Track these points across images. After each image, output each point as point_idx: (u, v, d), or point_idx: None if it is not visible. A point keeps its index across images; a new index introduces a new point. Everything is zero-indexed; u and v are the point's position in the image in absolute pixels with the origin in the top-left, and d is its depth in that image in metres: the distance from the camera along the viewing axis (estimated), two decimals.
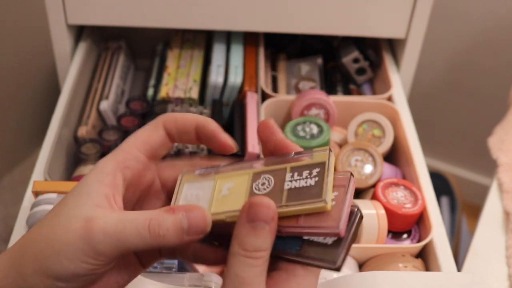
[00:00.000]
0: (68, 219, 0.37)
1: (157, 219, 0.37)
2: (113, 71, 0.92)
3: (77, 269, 0.37)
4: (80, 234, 0.36)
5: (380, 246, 0.67)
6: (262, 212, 0.36)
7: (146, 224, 0.37)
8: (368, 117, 0.82)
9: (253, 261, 0.36)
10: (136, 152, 0.42)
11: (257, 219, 0.36)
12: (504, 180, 0.86)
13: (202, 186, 0.42)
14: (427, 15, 0.88)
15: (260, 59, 0.92)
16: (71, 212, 0.38)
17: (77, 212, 0.38)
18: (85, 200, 0.38)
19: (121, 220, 0.37)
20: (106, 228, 0.37)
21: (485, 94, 1.49)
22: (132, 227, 0.37)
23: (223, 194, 0.41)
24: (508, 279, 0.74)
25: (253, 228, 0.36)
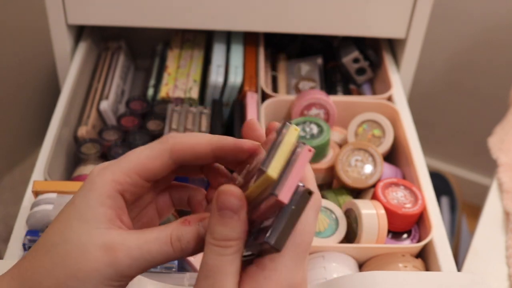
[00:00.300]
0: (85, 246, 0.37)
1: (176, 234, 0.38)
2: (113, 71, 0.92)
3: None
4: (105, 262, 0.36)
5: (380, 246, 0.67)
6: (228, 200, 0.36)
7: (168, 241, 0.38)
8: (368, 117, 0.82)
9: (221, 250, 0.36)
10: (135, 177, 0.40)
11: (224, 207, 0.36)
12: (504, 180, 0.86)
13: None
14: (427, 15, 0.88)
15: (260, 59, 0.92)
16: (85, 239, 0.37)
17: (92, 238, 0.37)
18: (93, 224, 0.38)
19: (145, 241, 0.38)
20: (131, 253, 0.37)
21: (485, 94, 1.49)
22: (156, 247, 0.38)
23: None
24: (508, 279, 0.74)
25: (221, 217, 0.36)
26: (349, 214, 0.70)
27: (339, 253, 0.67)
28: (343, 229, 0.69)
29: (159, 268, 0.63)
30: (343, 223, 0.70)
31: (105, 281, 0.37)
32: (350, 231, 0.70)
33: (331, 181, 0.80)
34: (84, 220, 0.38)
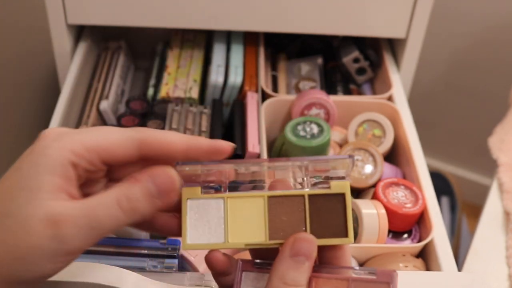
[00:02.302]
0: (25, 220, 0.34)
1: (124, 194, 0.35)
2: (113, 71, 0.92)
3: (47, 271, 0.35)
4: (47, 235, 0.34)
5: (380, 246, 0.67)
6: (305, 247, 0.37)
7: (115, 203, 0.35)
8: (368, 117, 0.82)
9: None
10: (94, 156, 0.36)
11: (300, 253, 0.37)
12: (504, 180, 0.86)
13: (210, 206, 0.40)
14: (427, 15, 0.88)
15: (260, 59, 0.92)
16: (26, 211, 0.34)
17: (34, 210, 0.34)
18: (38, 194, 0.34)
19: (89, 207, 0.35)
20: (76, 222, 0.34)
21: (485, 94, 1.49)
22: (103, 211, 0.35)
23: (238, 221, 0.40)
24: (508, 279, 0.74)
25: (295, 262, 0.37)
26: None
27: None
28: None
29: (159, 268, 0.63)
30: None
31: (50, 258, 0.34)
32: None
33: None
34: (28, 189, 0.34)
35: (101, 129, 0.37)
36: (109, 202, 0.35)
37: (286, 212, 0.40)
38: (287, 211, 0.40)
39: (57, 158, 0.35)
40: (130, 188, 0.36)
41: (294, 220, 0.39)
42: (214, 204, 0.40)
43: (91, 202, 0.35)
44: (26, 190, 0.35)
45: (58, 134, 0.36)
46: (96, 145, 0.36)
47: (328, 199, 0.40)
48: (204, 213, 0.40)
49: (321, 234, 0.39)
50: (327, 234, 0.39)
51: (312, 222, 0.39)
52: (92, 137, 0.36)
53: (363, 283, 0.38)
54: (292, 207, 0.40)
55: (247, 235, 0.39)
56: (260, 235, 0.39)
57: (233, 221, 0.40)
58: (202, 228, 0.40)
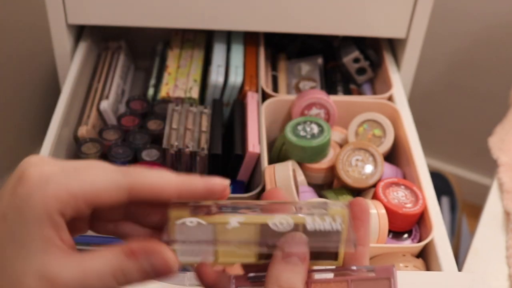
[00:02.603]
0: (18, 278, 0.33)
1: (121, 269, 0.35)
2: (113, 70, 0.92)
3: None
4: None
5: (381, 246, 0.67)
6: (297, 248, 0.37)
7: (111, 276, 0.35)
8: (369, 117, 0.82)
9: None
10: (81, 204, 0.35)
11: (292, 254, 0.36)
12: (504, 180, 0.86)
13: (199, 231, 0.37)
14: (427, 15, 0.88)
15: (260, 59, 0.92)
16: (19, 268, 0.33)
17: (26, 267, 0.33)
18: (29, 249, 0.33)
19: (84, 272, 0.34)
20: (69, 285, 0.34)
21: (486, 94, 1.49)
22: (97, 280, 0.34)
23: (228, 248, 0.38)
24: (508, 279, 0.74)
25: (288, 264, 0.36)
26: None
27: None
28: None
29: None
30: None
31: None
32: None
33: (332, 181, 0.80)
34: (18, 243, 0.33)
35: (88, 170, 0.35)
36: (105, 273, 0.35)
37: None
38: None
39: (43, 209, 0.33)
40: (127, 264, 0.35)
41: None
42: (204, 230, 0.38)
43: (87, 267, 0.34)
44: (16, 244, 0.34)
45: (41, 178, 0.34)
46: (83, 192, 0.35)
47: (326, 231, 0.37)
48: (194, 240, 0.38)
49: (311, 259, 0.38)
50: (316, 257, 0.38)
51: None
52: (79, 183, 0.35)
53: (363, 282, 0.38)
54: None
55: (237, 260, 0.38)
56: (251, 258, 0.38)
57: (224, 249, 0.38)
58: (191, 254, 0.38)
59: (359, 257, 0.39)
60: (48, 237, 0.34)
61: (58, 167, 0.35)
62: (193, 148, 0.79)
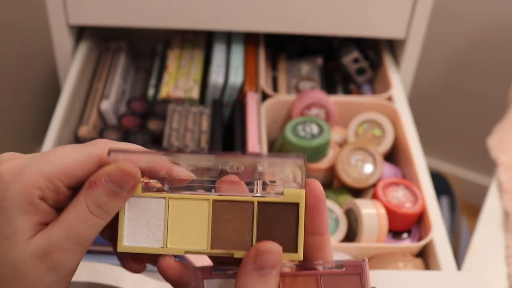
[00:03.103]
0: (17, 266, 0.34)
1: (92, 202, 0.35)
2: (113, 71, 0.93)
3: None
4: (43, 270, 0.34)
5: (380, 246, 0.68)
6: (271, 259, 0.35)
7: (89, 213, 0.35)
8: (368, 117, 0.82)
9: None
10: (57, 183, 0.35)
11: (265, 266, 0.35)
12: (503, 180, 0.86)
13: (150, 206, 0.37)
14: (427, 15, 0.88)
15: (260, 59, 0.92)
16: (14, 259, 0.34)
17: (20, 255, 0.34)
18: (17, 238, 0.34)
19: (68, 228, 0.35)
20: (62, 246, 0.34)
21: (485, 94, 1.49)
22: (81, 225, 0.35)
23: (179, 224, 0.37)
24: (508, 278, 0.75)
25: (260, 276, 0.35)
26: (350, 213, 0.70)
27: (340, 252, 0.67)
28: (344, 229, 0.69)
29: None
30: (343, 223, 0.70)
31: (52, 286, 0.35)
32: (350, 231, 0.70)
33: (332, 181, 0.81)
34: (5, 237, 0.34)
35: (57, 152, 0.36)
36: (83, 214, 0.35)
37: (232, 219, 0.37)
38: (233, 217, 0.37)
39: (23, 199, 0.34)
40: (93, 194, 0.35)
41: (240, 228, 0.37)
42: (155, 204, 0.37)
43: (67, 221, 0.35)
44: (3, 239, 0.34)
45: (14, 172, 0.35)
46: (57, 172, 0.35)
47: (280, 208, 0.36)
48: (144, 213, 0.37)
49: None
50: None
51: (260, 232, 0.36)
52: (49, 165, 0.35)
53: (332, 277, 0.36)
54: (240, 214, 0.36)
55: (188, 241, 0.37)
56: (202, 242, 0.36)
57: (174, 224, 0.37)
58: (140, 230, 0.37)
59: (319, 247, 0.37)
60: (34, 222, 0.34)
61: (27, 158, 0.35)
62: (193, 148, 0.79)
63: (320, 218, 0.36)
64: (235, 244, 0.36)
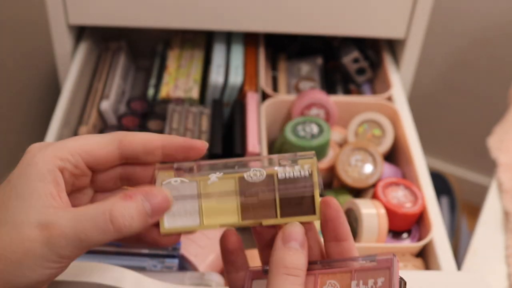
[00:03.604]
0: (20, 226, 0.35)
1: (118, 210, 0.36)
2: (113, 71, 0.93)
3: (41, 276, 0.36)
4: (40, 241, 0.35)
5: (380, 246, 0.68)
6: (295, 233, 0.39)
7: (106, 218, 0.36)
8: (368, 117, 0.82)
9: (294, 279, 0.38)
10: (78, 158, 0.38)
11: (291, 239, 0.39)
12: (503, 180, 0.86)
13: (184, 189, 0.41)
14: (427, 15, 0.88)
15: (260, 59, 0.92)
16: (19, 218, 0.35)
17: (26, 217, 0.35)
18: (30, 202, 0.36)
19: (78, 220, 0.36)
20: (65, 232, 0.35)
21: (485, 94, 1.49)
22: (92, 226, 0.36)
23: (211, 202, 0.41)
24: (508, 278, 0.75)
25: (288, 248, 0.39)
26: (350, 213, 0.70)
27: None
28: None
29: (160, 267, 0.64)
30: None
31: (42, 263, 0.35)
32: (350, 231, 0.70)
33: (331, 181, 0.81)
34: (21, 197, 0.36)
35: (82, 136, 0.39)
36: (99, 217, 0.36)
37: (257, 192, 0.41)
38: (257, 190, 0.41)
39: (44, 165, 0.37)
40: (124, 204, 0.36)
41: (265, 200, 0.41)
42: (188, 187, 0.41)
43: (80, 214, 0.36)
44: (18, 199, 0.36)
45: (42, 146, 0.38)
46: (79, 148, 0.38)
47: (297, 178, 0.41)
48: (179, 196, 0.41)
49: (290, 213, 0.41)
50: (295, 213, 0.41)
51: (282, 201, 0.41)
52: (75, 142, 0.38)
53: (365, 272, 0.39)
54: (263, 187, 0.41)
55: (221, 217, 0.41)
56: (233, 216, 0.41)
57: (207, 202, 0.41)
58: (178, 211, 0.41)
59: (347, 251, 0.41)
60: (48, 191, 0.36)
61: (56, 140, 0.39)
62: None
63: (342, 227, 0.41)
64: (262, 214, 0.41)
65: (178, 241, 0.42)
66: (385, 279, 0.38)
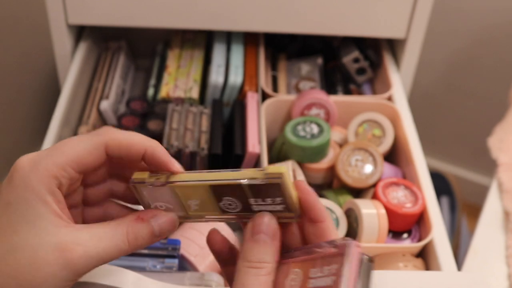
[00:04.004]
0: (36, 252, 0.35)
1: (133, 232, 0.39)
2: (113, 71, 0.93)
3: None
4: (60, 264, 0.36)
5: (380, 246, 0.67)
6: (264, 226, 0.39)
7: (125, 238, 0.39)
8: (368, 117, 0.82)
9: (256, 271, 0.38)
10: (70, 171, 0.38)
11: (259, 232, 0.39)
12: (503, 180, 0.86)
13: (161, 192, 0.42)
14: (427, 15, 0.88)
15: (260, 59, 0.92)
16: (33, 242, 0.36)
17: (41, 241, 0.36)
18: (40, 225, 0.36)
19: (100, 240, 0.38)
20: (87, 252, 0.37)
21: (485, 94, 1.49)
22: (112, 245, 0.38)
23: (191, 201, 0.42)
24: (508, 278, 0.75)
25: (256, 241, 0.39)
26: (350, 213, 0.70)
27: None
28: (344, 229, 0.69)
29: (160, 268, 0.63)
30: (343, 223, 0.70)
31: (61, 284, 0.36)
32: (350, 231, 0.70)
33: (332, 181, 0.80)
34: (29, 222, 0.36)
35: (68, 143, 0.39)
36: (119, 238, 0.39)
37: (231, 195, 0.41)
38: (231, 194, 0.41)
39: (41, 187, 0.37)
40: (138, 226, 0.40)
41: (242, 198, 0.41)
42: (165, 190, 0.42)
43: (100, 234, 0.38)
44: (27, 223, 0.36)
45: (31, 164, 0.37)
46: (69, 161, 0.38)
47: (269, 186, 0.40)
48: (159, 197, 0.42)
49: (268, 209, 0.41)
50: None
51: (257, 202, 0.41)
52: (62, 155, 0.38)
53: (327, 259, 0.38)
54: (235, 192, 0.41)
55: (203, 211, 0.42)
56: (214, 211, 0.42)
57: (187, 201, 0.42)
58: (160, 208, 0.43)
59: (323, 233, 0.40)
60: (54, 212, 0.37)
61: (41, 151, 0.39)
62: (193, 148, 0.79)
63: (316, 208, 0.40)
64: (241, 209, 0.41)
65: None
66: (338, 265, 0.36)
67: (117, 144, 0.40)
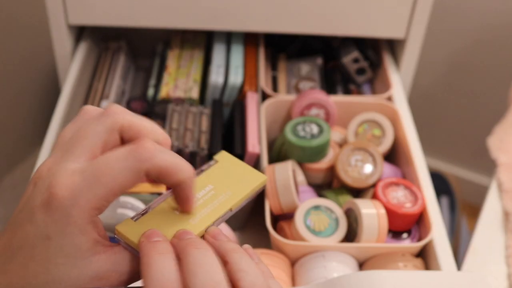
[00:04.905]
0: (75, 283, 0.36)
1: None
2: (113, 71, 0.93)
3: None
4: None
5: (380, 246, 0.68)
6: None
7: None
8: (368, 117, 0.82)
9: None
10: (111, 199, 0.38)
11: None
12: (503, 180, 0.86)
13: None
14: (427, 15, 0.88)
15: (260, 59, 0.92)
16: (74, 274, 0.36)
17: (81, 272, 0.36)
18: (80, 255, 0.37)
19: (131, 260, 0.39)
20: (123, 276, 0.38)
21: (485, 94, 1.49)
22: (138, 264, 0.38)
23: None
24: (508, 278, 0.75)
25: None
26: (350, 213, 0.70)
27: (340, 252, 0.67)
28: (344, 229, 0.69)
29: None
30: (343, 223, 0.70)
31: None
32: (350, 231, 0.70)
33: (331, 181, 0.80)
34: (69, 256, 0.36)
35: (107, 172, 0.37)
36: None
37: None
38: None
39: (83, 221, 0.36)
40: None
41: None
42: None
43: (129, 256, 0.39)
44: (67, 256, 0.36)
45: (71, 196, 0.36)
46: (111, 192, 0.37)
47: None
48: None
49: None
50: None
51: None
52: (105, 187, 0.37)
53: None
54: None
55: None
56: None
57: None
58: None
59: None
60: (94, 239, 0.37)
61: (78, 176, 0.37)
62: (193, 148, 0.79)
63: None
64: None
65: None
66: None
67: (157, 172, 0.38)
